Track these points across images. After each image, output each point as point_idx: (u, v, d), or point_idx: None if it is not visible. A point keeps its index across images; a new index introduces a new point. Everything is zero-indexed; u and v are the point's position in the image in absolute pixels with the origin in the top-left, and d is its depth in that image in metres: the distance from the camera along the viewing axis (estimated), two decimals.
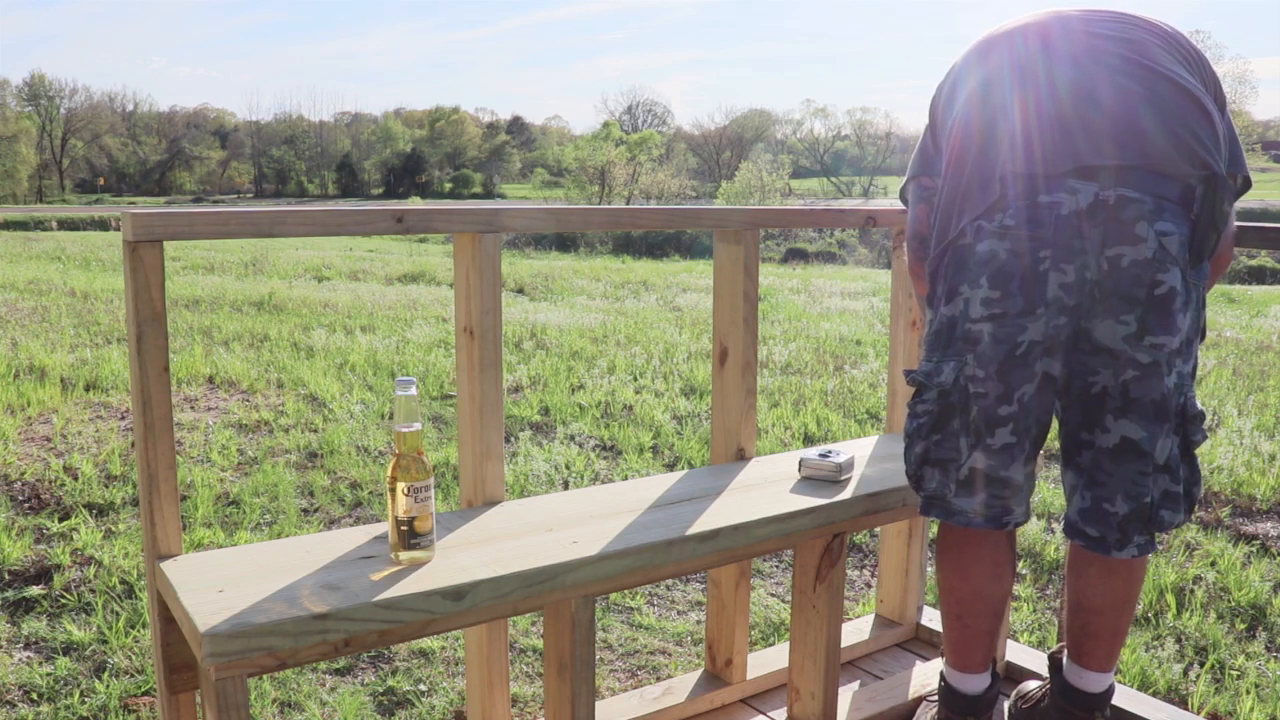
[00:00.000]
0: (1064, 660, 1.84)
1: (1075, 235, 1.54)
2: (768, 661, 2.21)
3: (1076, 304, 1.58)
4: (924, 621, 2.45)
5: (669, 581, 2.97)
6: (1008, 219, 1.57)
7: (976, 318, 1.61)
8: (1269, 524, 3.49)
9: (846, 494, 1.87)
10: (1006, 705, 2.03)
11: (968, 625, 1.78)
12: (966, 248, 1.62)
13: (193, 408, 4.67)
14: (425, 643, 2.50)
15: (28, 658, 2.38)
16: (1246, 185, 1.77)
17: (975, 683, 1.82)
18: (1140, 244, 1.52)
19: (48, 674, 2.29)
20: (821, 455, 1.95)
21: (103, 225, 29.66)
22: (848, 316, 8.66)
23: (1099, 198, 1.53)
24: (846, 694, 2.09)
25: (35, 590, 2.69)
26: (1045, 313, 1.57)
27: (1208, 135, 1.56)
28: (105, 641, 2.44)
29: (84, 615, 2.59)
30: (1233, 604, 2.84)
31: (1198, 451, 4.12)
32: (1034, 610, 2.84)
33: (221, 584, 1.38)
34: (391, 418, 4.57)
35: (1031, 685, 2.01)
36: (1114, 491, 1.62)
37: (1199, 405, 1.63)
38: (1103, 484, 1.63)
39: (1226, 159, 1.63)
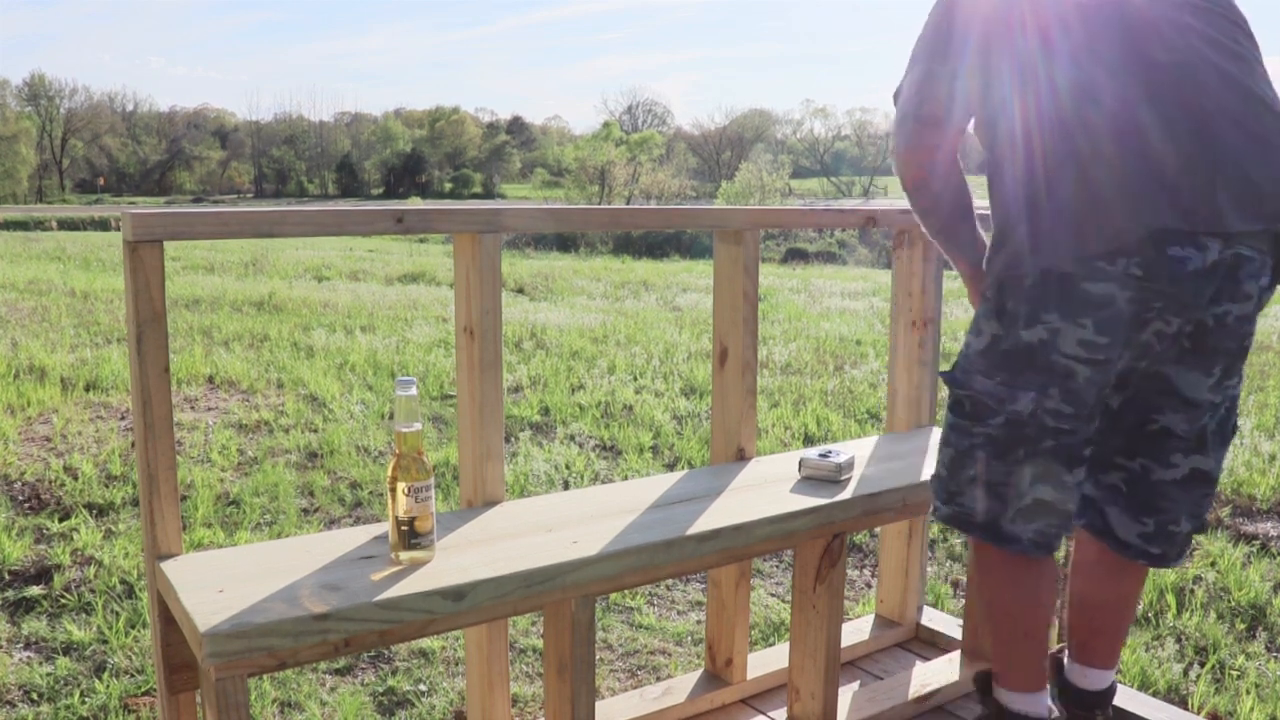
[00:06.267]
0: (1065, 661, 1.84)
1: (1194, 292, 1.44)
2: (768, 661, 2.21)
3: (1162, 351, 1.52)
4: (924, 621, 2.45)
5: (669, 581, 2.96)
6: (1134, 267, 1.42)
7: (1070, 354, 1.47)
8: (1269, 524, 3.49)
9: (846, 494, 1.87)
10: None
11: (1040, 643, 1.69)
12: (1070, 278, 1.45)
13: (193, 408, 4.67)
14: (425, 643, 2.50)
15: (28, 658, 2.38)
16: None
17: (1045, 701, 1.73)
18: (1246, 301, 1.48)
19: (48, 674, 2.29)
20: (821, 455, 1.95)
21: (103, 225, 29.67)
22: (848, 316, 8.65)
23: (1222, 255, 1.43)
24: (846, 694, 2.09)
25: (35, 590, 2.69)
26: (1128, 354, 1.51)
27: None
28: (105, 641, 2.44)
29: (84, 615, 2.59)
30: (1233, 604, 2.84)
31: None
32: None
33: (221, 584, 1.38)
34: (391, 418, 4.57)
35: None
36: (1179, 514, 1.65)
37: None
38: (1167, 510, 1.65)
39: None
